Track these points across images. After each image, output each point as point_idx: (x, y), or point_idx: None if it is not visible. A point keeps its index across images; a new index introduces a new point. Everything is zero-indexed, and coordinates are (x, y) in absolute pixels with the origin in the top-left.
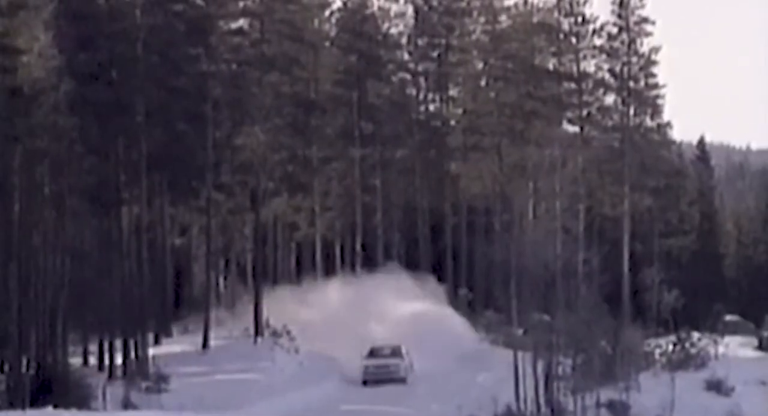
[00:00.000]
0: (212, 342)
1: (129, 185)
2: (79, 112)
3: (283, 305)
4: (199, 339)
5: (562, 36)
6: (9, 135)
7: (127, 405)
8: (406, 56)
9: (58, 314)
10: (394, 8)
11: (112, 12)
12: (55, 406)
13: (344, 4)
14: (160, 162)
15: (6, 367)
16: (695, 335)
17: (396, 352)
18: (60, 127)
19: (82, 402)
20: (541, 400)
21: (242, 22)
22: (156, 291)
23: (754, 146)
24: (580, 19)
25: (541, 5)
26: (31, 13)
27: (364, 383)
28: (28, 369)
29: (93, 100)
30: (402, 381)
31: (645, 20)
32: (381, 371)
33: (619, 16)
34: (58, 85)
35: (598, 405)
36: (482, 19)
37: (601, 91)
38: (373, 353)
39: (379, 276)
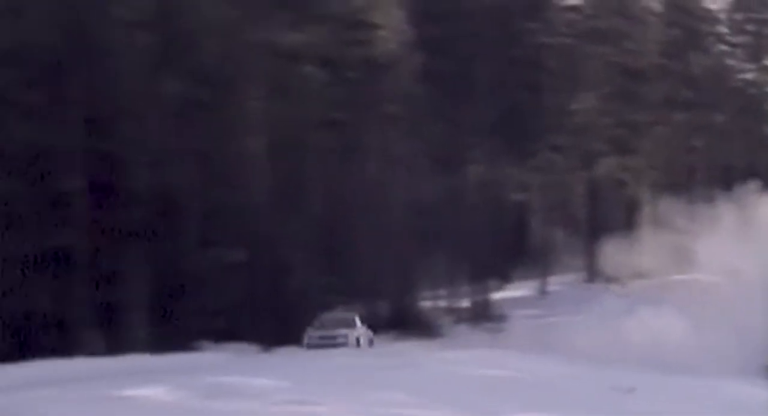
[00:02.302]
0: (549, 288)
1: (473, 147)
2: (427, 81)
3: (613, 254)
4: (537, 284)
5: None
6: (365, 101)
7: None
8: (724, 30)
9: (412, 263)
10: None
11: None
12: None
13: None
14: (500, 126)
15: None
16: None
17: (348, 322)
18: (410, 94)
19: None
20: None
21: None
22: (498, 242)
23: None
24: None
25: None
26: None
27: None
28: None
29: (440, 71)
30: None
31: None
32: (325, 342)
33: None
34: (409, 56)
35: None
36: None
37: None
38: (321, 322)
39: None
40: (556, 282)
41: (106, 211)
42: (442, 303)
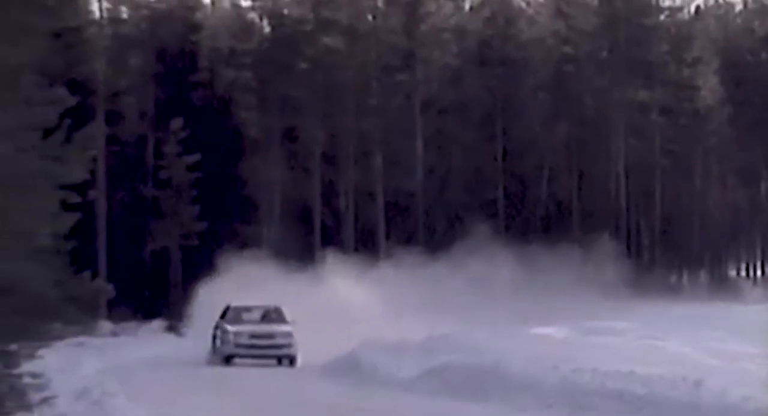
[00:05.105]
0: None
1: (767, 169)
2: (734, 124)
3: None
4: None
5: None
6: (691, 138)
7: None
8: None
9: (723, 246)
10: None
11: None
12: None
13: None
14: None
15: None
16: None
17: (276, 316)
18: (722, 133)
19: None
20: None
21: None
22: None
23: None
24: None
25: None
26: (704, 66)
27: (227, 360)
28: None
29: (743, 117)
30: (291, 360)
31: None
32: (261, 343)
33: None
34: (721, 108)
35: None
36: None
37: None
38: (237, 314)
39: None
40: None
41: (517, 211)
42: (743, 274)
